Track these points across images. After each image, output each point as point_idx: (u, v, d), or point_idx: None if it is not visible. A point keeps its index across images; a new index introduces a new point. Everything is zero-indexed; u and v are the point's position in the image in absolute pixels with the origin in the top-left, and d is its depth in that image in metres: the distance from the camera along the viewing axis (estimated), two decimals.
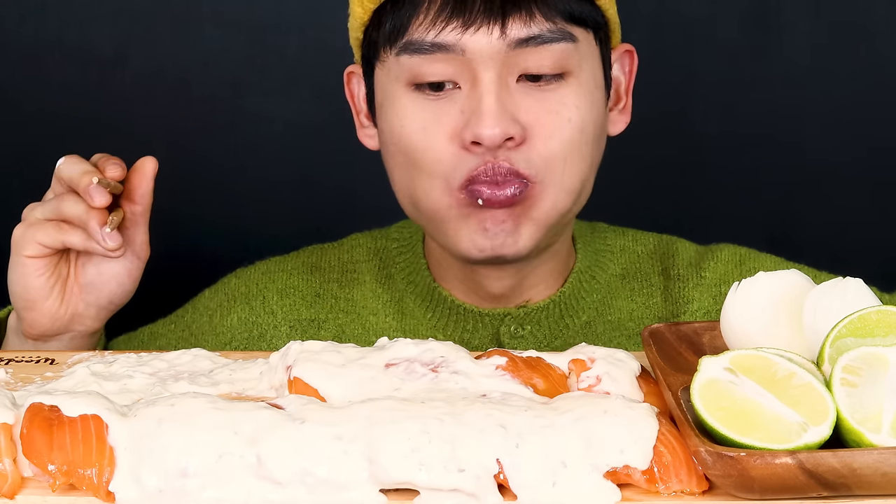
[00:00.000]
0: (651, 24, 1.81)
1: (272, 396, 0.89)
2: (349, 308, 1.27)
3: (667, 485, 0.77)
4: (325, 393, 0.85)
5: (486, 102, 1.09)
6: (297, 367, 0.87)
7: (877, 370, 0.77)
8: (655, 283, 1.27)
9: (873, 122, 1.90)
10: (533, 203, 1.12)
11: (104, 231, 1.07)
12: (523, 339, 1.22)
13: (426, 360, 0.88)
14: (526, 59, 1.10)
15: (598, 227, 1.30)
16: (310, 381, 0.86)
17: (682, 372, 0.86)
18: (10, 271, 1.12)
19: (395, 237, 1.29)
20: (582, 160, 1.13)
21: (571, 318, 1.23)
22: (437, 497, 0.76)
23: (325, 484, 0.75)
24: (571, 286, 1.24)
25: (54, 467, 0.76)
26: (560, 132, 1.11)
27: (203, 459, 0.76)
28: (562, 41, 1.10)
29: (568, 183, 1.13)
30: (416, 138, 1.12)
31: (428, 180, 1.13)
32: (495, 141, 1.08)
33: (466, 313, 1.23)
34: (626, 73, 1.23)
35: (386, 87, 1.15)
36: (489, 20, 1.08)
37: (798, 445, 0.74)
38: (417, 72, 1.11)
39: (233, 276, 1.32)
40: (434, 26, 1.09)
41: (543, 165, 1.11)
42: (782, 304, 0.87)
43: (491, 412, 0.78)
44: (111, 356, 0.98)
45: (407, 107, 1.13)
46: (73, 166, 1.09)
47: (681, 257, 1.28)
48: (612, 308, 1.25)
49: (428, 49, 1.10)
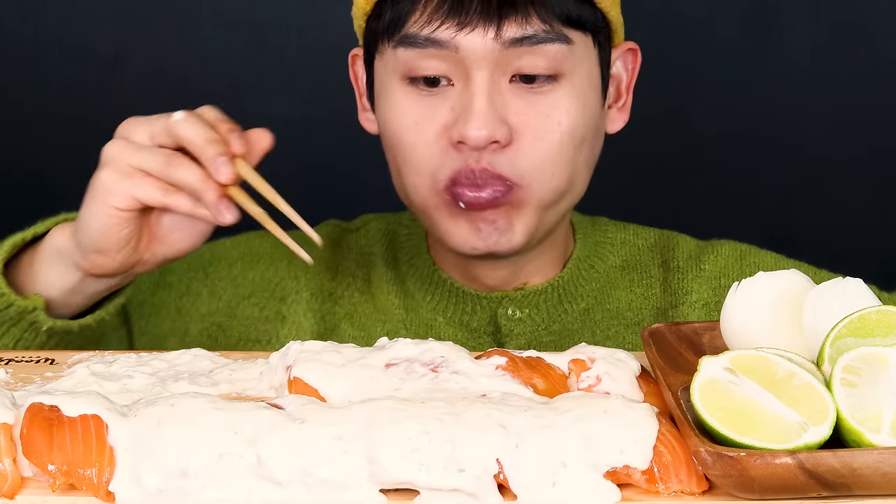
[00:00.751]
0: (651, 24, 1.82)
1: (272, 396, 0.89)
2: (364, 287, 1.28)
3: (667, 485, 0.77)
4: (325, 393, 0.85)
5: (476, 103, 1.09)
6: (297, 367, 0.87)
7: (877, 370, 0.77)
8: (655, 275, 1.28)
9: (873, 121, 1.91)
10: (520, 203, 1.13)
11: (223, 204, 1.01)
12: (521, 322, 1.23)
13: (426, 360, 0.88)
14: (520, 59, 1.10)
15: (599, 221, 1.31)
16: (310, 381, 0.86)
17: (682, 372, 0.86)
18: (88, 215, 1.03)
19: (406, 223, 1.30)
20: (570, 162, 1.13)
21: (570, 303, 1.24)
22: (437, 497, 0.76)
23: (325, 484, 0.75)
24: (570, 272, 1.25)
25: (54, 467, 0.76)
26: (549, 135, 1.12)
27: (203, 459, 0.76)
28: (556, 42, 1.10)
29: (555, 184, 1.13)
30: (406, 132, 1.13)
31: (416, 176, 1.14)
32: (480, 143, 1.09)
33: (465, 296, 1.23)
34: (629, 70, 1.23)
35: (383, 79, 1.16)
36: (485, 21, 1.09)
37: (798, 445, 0.74)
38: (412, 66, 1.12)
39: (255, 234, 1.31)
40: (430, 23, 1.10)
41: (530, 168, 1.11)
42: (782, 304, 0.87)
43: (491, 412, 0.78)
44: (111, 356, 0.98)
45: (400, 101, 1.13)
46: (196, 129, 1.01)
47: (681, 250, 1.29)
48: (610, 297, 1.26)
49: (422, 44, 1.10)
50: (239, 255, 1.30)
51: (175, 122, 1.02)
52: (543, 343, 1.22)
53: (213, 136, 1.01)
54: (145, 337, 1.27)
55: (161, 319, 1.28)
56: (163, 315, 1.28)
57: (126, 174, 1.02)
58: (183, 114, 1.03)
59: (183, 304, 1.28)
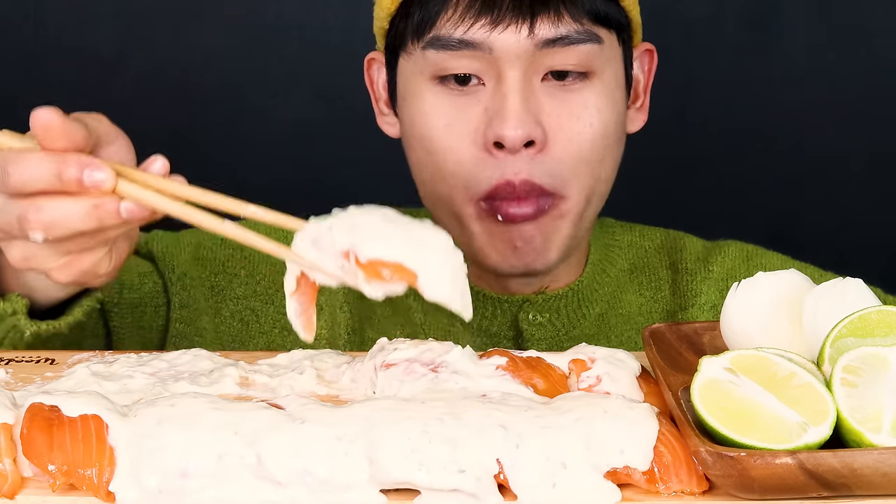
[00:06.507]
0: (651, 24, 1.81)
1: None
2: None
3: (667, 485, 0.77)
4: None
5: (510, 102, 1.08)
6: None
7: (877, 370, 0.77)
8: (664, 277, 1.28)
9: (874, 121, 1.90)
10: (560, 215, 1.12)
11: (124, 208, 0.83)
12: (542, 327, 1.22)
13: (426, 360, 0.88)
14: (552, 58, 1.09)
15: (605, 223, 1.30)
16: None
17: (682, 372, 0.86)
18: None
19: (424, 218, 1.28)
20: (602, 164, 1.13)
21: (588, 308, 1.23)
22: (438, 497, 0.76)
23: (325, 484, 0.75)
24: (588, 277, 1.24)
25: (54, 467, 0.76)
26: (581, 137, 1.11)
27: (203, 460, 0.76)
28: (588, 42, 1.10)
29: (591, 187, 1.13)
30: (438, 135, 1.11)
31: (449, 182, 1.12)
32: (517, 143, 1.08)
33: (485, 299, 1.22)
34: (645, 71, 1.23)
35: (409, 80, 1.14)
36: (518, 19, 1.08)
37: (798, 445, 0.74)
38: (443, 66, 1.10)
39: None
40: (462, 22, 1.09)
41: (566, 174, 1.11)
42: (782, 304, 0.87)
43: (491, 412, 0.78)
44: (111, 356, 0.98)
45: (430, 101, 1.12)
46: (33, 170, 0.81)
47: (688, 252, 1.28)
48: (622, 302, 1.25)
49: (455, 45, 1.09)
50: (277, 240, 1.27)
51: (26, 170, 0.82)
52: (564, 349, 1.20)
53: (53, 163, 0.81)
54: (185, 310, 1.23)
55: (197, 295, 1.25)
56: (199, 291, 1.25)
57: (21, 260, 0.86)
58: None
59: (218, 282, 1.25)
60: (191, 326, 1.23)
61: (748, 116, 1.91)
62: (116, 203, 0.81)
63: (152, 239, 1.25)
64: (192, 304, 1.24)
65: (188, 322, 1.23)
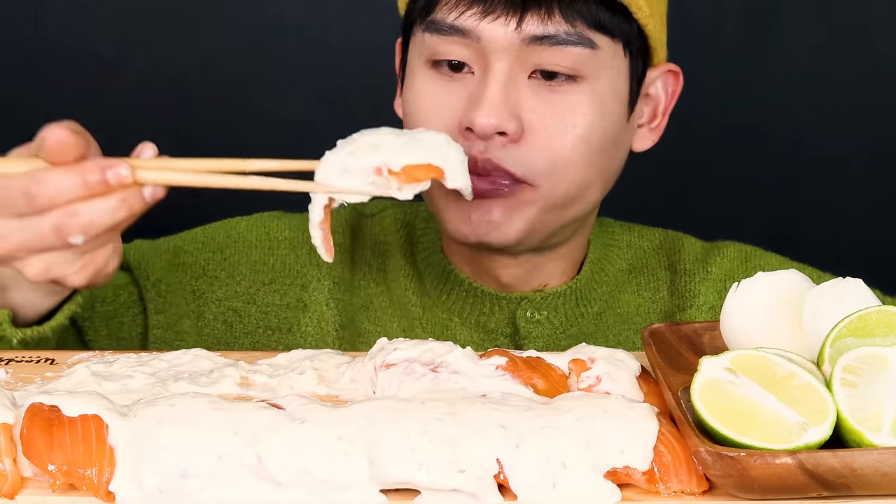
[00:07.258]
0: None
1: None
2: (380, 278, 1.26)
3: (667, 485, 0.77)
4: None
5: (488, 91, 1.09)
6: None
7: (877, 370, 0.77)
8: (662, 278, 1.28)
9: (874, 121, 1.90)
10: (525, 201, 1.12)
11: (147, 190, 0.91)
12: (539, 325, 1.22)
13: (426, 360, 0.88)
14: (540, 56, 1.10)
15: (605, 223, 1.30)
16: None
17: (682, 372, 0.86)
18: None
19: (424, 216, 1.29)
20: (580, 168, 1.12)
21: (585, 307, 1.24)
22: (438, 497, 0.76)
23: (325, 484, 0.75)
24: (586, 276, 1.24)
25: (54, 467, 0.76)
26: (561, 136, 1.11)
27: (203, 460, 0.76)
28: (578, 45, 1.10)
29: (565, 187, 1.12)
30: (421, 115, 1.14)
31: None
32: (486, 131, 1.08)
33: (483, 295, 1.22)
34: (668, 93, 1.22)
35: (412, 62, 1.17)
36: (508, 11, 1.09)
37: (798, 445, 0.74)
38: (436, 50, 1.12)
39: (271, 216, 1.30)
40: (456, 8, 1.10)
41: (540, 168, 1.10)
42: (782, 304, 0.87)
43: (491, 412, 0.78)
44: (111, 356, 0.98)
45: (421, 83, 1.14)
46: (61, 182, 0.87)
47: (687, 252, 1.28)
48: (620, 301, 1.26)
49: (447, 31, 1.11)
50: (257, 239, 1.28)
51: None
52: (561, 347, 1.20)
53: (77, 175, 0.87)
54: (161, 315, 1.24)
55: (177, 299, 1.25)
56: (178, 296, 1.25)
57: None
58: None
59: (199, 286, 1.26)
60: (170, 331, 1.23)
61: (748, 116, 1.91)
62: (139, 190, 0.89)
63: (129, 249, 1.25)
64: (168, 309, 1.24)
65: (166, 327, 1.23)
